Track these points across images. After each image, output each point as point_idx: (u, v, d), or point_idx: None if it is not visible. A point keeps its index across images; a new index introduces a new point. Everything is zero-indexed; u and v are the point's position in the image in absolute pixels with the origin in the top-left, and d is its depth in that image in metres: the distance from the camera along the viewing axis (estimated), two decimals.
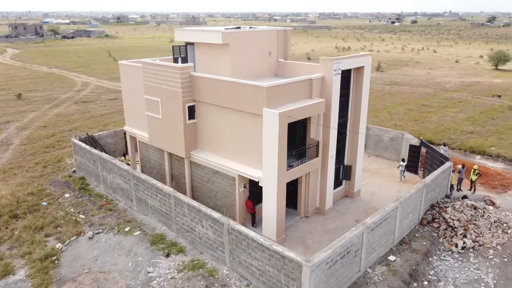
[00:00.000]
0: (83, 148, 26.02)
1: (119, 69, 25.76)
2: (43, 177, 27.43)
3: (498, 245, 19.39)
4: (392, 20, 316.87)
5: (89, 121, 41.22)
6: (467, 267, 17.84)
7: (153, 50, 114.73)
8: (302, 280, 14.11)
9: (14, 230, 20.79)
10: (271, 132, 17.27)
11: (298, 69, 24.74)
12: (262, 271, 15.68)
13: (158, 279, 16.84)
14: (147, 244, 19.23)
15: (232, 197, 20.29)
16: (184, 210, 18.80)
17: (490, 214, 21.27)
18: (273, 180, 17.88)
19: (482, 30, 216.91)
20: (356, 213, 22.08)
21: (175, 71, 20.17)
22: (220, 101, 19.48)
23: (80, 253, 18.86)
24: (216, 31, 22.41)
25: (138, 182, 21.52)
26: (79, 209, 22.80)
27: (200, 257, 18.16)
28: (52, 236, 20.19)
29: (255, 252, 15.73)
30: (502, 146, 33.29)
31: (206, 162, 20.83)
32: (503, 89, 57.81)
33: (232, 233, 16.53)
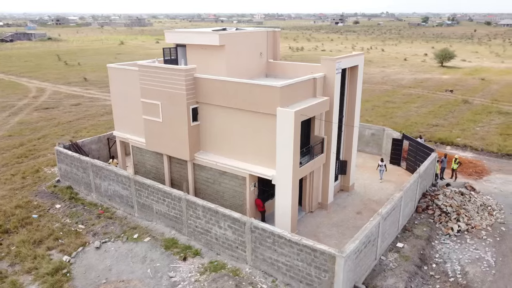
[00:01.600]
0: (70, 156, 24.93)
1: (108, 73, 24.96)
2: (25, 188, 25.91)
3: (488, 226, 21.19)
4: (336, 20, 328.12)
5: (57, 128, 39.26)
6: (467, 248, 19.36)
7: (104, 53, 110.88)
8: (336, 271, 14.70)
9: (10, 246, 19.58)
10: (286, 130, 17.71)
11: (288, 69, 25.43)
12: (290, 266, 16.09)
13: (182, 283, 16.70)
14: (161, 249, 18.93)
15: (241, 197, 20.48)
16: (198, 213, 18.73)
17: (476, 199, 23.14)
18: (288, 178, 18.33)
19: (420, 30, 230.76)
20: (356, 205, 23.08)
21: (180, 73, 20.01)
22: (228, 102, 19.60)
23: (91, 264, 18.20)
24: (212, 32, 22.49)
25: (141, 188, 21.06)
26: (76, 220, 21.89)
27: (218, 258, 18.21)
28: (55, 249, 19.28)
29: (282, 248, 16.09)
30: (466, 136, 36.08)
31: (213, 163, 20.85)
32: (452, 85, 62.24)
33: (256, 231, 16.78)
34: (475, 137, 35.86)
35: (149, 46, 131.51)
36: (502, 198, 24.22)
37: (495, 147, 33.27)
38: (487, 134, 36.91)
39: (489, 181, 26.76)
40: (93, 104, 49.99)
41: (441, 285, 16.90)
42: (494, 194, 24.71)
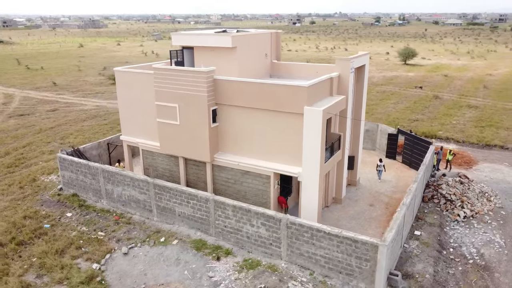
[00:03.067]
0: (76, 163, 24.28)
1: (115, 77, 24.52)
2: (27, 198, 24.93)
3: (489, 211, 22.92)
4: (293, 21, 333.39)
5: (41, 135, 37.73)
6: (476, 232, 20.90)
7: (66, 56, 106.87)
8: (378, 259, 15.54)
9: (30, 257, 18.93)
10: (314, 128, 18.37)
11: (292, 69, 26.20)
12: (329, 258, 16.76)
13: (224, 282, 16.94)
14: (192, 251, 19.01)
15: (265, 195, 20.93)
16: (228, 212, 18.99)
17: (474, 187, 24.91)
18: (315, 174, 19.01)
19: (375, 29, 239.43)
20: (367, 198, 24.15)
21: (200, 75, 20.14)
22: (250, 103, 19.97)
23: (124, 269, 18.00)
24: (224, 34, 22.77)
25: (162, 191, 20.98)
26: (94, 227, 21.43)
27: (251, 256, 18.57)
28: (80, 258, 18.87)
29: (321, 241, 16.74)
30: (446, 130, 38.41)
31: (235, 164, 21.14)
32: (419, 81, 65.58)
33: (292, 227, 17.32)
34: (454, 130, 38.25)
35: (111, 49, 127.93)
36: (494, 185, 26.18)
37: (474, 138, 35.69)
38: (464, 127, 39.46)
39: (478, 170, 28.79)
40: (71, 109, 48.34)
41: (463, 267, 18.22)
42: (486, 181, 26.65)
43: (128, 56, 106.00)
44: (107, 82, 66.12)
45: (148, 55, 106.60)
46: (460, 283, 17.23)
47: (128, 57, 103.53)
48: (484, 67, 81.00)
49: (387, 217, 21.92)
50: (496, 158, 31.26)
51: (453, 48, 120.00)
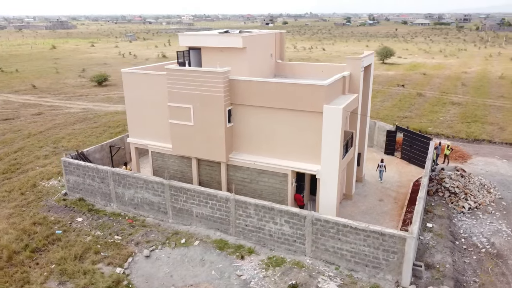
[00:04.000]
0: (83, 166, 23.81)
1: (122, 78, 24.16)
2: (31, 204, 24.24)
3: (491, 202, 24.02)
4: (266, 21, 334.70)
5: (32, 140, 36.60)
6: (483, 222, 21.88)
7: (40, 58, 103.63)
8: (406, 251, 16.10)
9: (48, 264, 18.48)
10: (333, 126, 18.78)
11: (296, 69, 26.62)
12: (355, 252, 17.21)
13: (253, 280, 17.09)
14: (216, 251, 19.05)
15: (282, 193, 21.19)
16: (249, 211, 19.14)
17: (474, 179, 26.02)
18: (335, 171, 19.43)
19: (348, 29, 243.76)
20: (375, 194, 24.81)
21: (217, 75, 20.19)
22: (267, 103, 20.19)
23: (149, 272, 17.86)
24: (234, 35, 22.90)
25: (178, 192, 20.89)
26: (108, 231, 21.10)
27: (274, 254, 18.79)
28: (101, 263, 18.57)
29: (347, 236, 17.16)
30: (435, 126, 39.79)
31: (251, 163, 21.30)
32: (400, 80, 67.43)
33: (317, 224, 17.67)
34: (443, 126, 39.68)
35: (86, 50, 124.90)
36: (490, 177, 27.42)
37: (463, 133, 37.17)
38: (451, 122, 40.99)
39: (473, 163, 30.05)
40: (57, 112, 47.06)
41: (477, 256, 19.07)
42: (482, 174, 27.86)
43: (105, 57, 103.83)
44: (89, 84, 64.66)
45: (126, 57, 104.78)
46: (477, 271, 18.05)
47: (106, 58, 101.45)
48: (458, 65, 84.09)
49: (397, 211, 22.62)
50: (487, 152, 32.69)
51: (425, 47, 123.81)
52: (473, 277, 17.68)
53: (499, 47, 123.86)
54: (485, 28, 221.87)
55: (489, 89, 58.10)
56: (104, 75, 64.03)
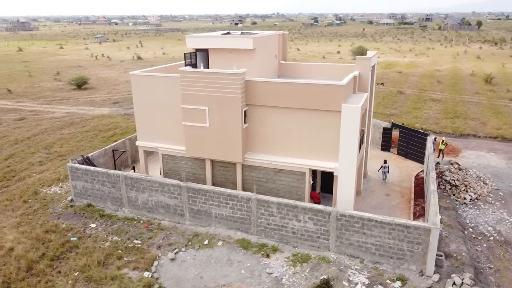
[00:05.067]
0: (92, 172, 23.38)
1: (131, 81, 23.87)
2: (38, 212, 23.60)
3: (489, 193, 25.41)
4: (235, 21, 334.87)
5: (20, 146, 35.39)
6: (486, 212, 23.15)
7: (7, 60, 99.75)
8: (430, 242, 16.90)
9: (71, 272, 18.13)
10: (351, 124, 19.39)
11: (299, 69, 27.21)
12: (380, 245, 17.88)
13: (284, 277, 17.44)
14: (241, 250, 19.26)
15: (299, 191, 21.63)
16: (272, 210, 19.48)
17: (470, 172, 27.41)
18: (352, 168, 20.06)
19: (316, 29, 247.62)
20: (381, 189, 25.67)
21: (235, 77, 20.38)
22: (284, 103, 20.55)
23: (177, 275, 17.87)
24: (244, 36, 23.16)
25: (196, 194, 20.94)
26: (126, 236, 20.87)
27: (298, 251, 19.20)
28: (126, 268, 18.41)
29: (372, 230, 17.81)
30: (421, 122, 41.41)
31: (267, 162, 21.62)
32: (378, 78, 69.37)
33: (342, 219, 18.23)
34: (429, 122, 41.37)
35: (55, 52, 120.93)
36: (483, 169, 28.95)
37: (449, 129, 38.91)
38: (436, 119, 42.78)
39: (464, 157, 31.59)
40: (41, 117, 45.60)
41: (487, 244, 20.21)
42: (475, 167, 29.36)
43: (77, 60, 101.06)
44: (67, 87, 62.89)
45: (100, 59, 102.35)
46: (490, 257, 19.14)
47: (78, 61, 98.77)
48: (430, 64, 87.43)
49: (406, 205, 23.56)
50: (474, 146, 34.41)
51: (395, 47, 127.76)
52: (487, 263, 18.74)
53: (463, 46, 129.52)
54: (447, 28, 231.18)
55: (464, 86, 60.87)
56: (83, 78, 62.47)
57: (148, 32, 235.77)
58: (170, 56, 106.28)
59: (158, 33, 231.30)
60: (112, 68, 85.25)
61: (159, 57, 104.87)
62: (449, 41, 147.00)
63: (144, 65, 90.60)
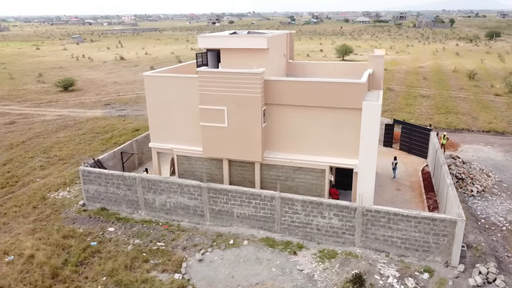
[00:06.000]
0: (106, 175, 23.04)
1: (144, 82, 23.58)
2: (50, 218, 23.07)
3: (493, 185, 26.37)
4: (212, 21, 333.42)
5: (17, 151, 34.39)
6: (494, 204, 24.03)
7: None
8: (456, 233, 17.47)
9: (99, 276, 17.87)
10: (372, 121, 19.79)
11: (307, 68, 27.54)
12: (405, 238, 18.35)
13: (315, 273, 17.68)
14: (268, 248, 19.39)
15: (319, 188, 21.92)
16: (296, 208, 19.69)
17: (473, 165, 28.35)
18: (372, 164, 20.48)
19: (295, 27, 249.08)
20: (391, 184, 26.25)
21: (255, 76, 20.47)
22: (304, 101, 20.78)
23: (208, 275, 17.86)
24: (258, 36, 23.28)
25: (218, 194, 20.94)
26: (147, 238, 20.68)
27: (323, 247, 19.48)
28: (155, 270, 18.27)
29: (398, 224, 18.26)
30: (416, 118, 42.44)
31: (287, 161, 21.81)
32: None
33: (368, 214, 18.61)
34: (423, 118, 42.44)
35: (32, 53, 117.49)
36: (483, 162, 29.98)
37: (443, 124, 40.05)
38: (428, 114, 43.93)
39: (464, 151, 32.62)
40: (31, 120, 44.39)
41: (501, 234, 21.02)
42: (475, 160, 30.36)
43: (58, 61, 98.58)
44: (53, 89, 61.35)
45: (81, 60, 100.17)
46: (506, 247, 19.92)
47: (59, 62, 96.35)
48: (412, 61, 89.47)
49: (418, 199, 24.19)
50: (470, 140, 35.56)
51: (376, 44, 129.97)
52: (504, 253, 19.50)
53: (440, 43, 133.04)
54: (421, 25, 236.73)
55: (448, 82, 62.64)
56: (70, 80, 61.05)
57: (125, 32, 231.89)
58: (153, 56, 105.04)
59: (135, 33, 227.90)
60: (95, 69, 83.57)
61: (142, 57, 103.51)
62: (426, 39, 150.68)
63: (127, 65, 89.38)
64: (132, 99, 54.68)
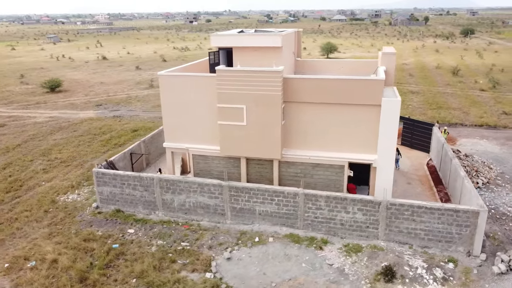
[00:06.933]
0: (121, 176, 22.74)
1: (159, 82, 23.31)
2: (65, 221, 22.61)
3: (496, 177, 27.38)
4: (190, 19, 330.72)
5: (15, 154, 33.41)
6: (500, 194, 24.97)
7: None
8: (478, 224, 18.13)
9: (128, 279, 17.68)
10: (391, 117, 20.26)
11: (314, 66, 27.89)
12: (428, 230, 18.90)
13: (345, 267, 18.00)
14: (294, 245, 19.60)
15: (338, 184, 22.27)
16: (320, 204, 19.97)
17: (475, 158, 29.34)
18: (391, 159, 20.96)
19: (272, 26, 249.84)
20: (400, 178, 26.86)
21: (275, 74, 20.60)
22: (322, 99, 21.05)
23: (239, 273, 17.93)
24: (272, 34, 23.43)
25: (239, 192, 21.00)
26: (170, 239, 20.55)
27: (347, 241, 19.84)
28: (184, 270, 18.22)
29: (421, 217, 18.79)
30: (410, 113, 43.45)
31: (305, 158, 22.06)
32: None
33: (392, 208, 19.07)
34: (417, 113, 43.51)
35: (8, 54, 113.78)
36: (483, 155, 31.05)
37: (437, 119, 41.16)
38: (421, 109, 45.06)
39: (462, 145, 33.68)
40: (22, 123, 43.15)
41: None
42: (474, 154, 31.41)
43: (37, 61, 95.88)
44: (39, 91, 59.72)
45: (61, 60, 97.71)
46: None
47: (38, 62, 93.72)
48: None
49: (429, 192, 24.88)
50: (466, 134, 36.74)
51: (357, 42, 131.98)
52: None
53: (419, 40, 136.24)
54: (397, 23, 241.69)
55: (434, 78, 64.34)
56: (57, 81, 59.55)
57: (102, 32, 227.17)
58: (135, 56, 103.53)
59: (112, 32, 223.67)
60: (79, 70, 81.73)
61: (125, 57, 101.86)
62: (404, 36, 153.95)
63: (111, 65, 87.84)
64: (124, 99, 53.84)
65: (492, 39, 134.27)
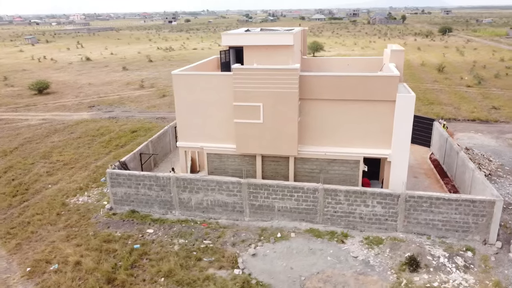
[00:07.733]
0: (136, 176, 22.62)
1: (173, 81, 23.25)
2: (80, 223, 22.35)
3: (497, 168, 28.43)
4: (169, 19, 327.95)
5: (13, 157, 32.66)
6: (504, 185, 25.96)
7: None
8: (494, 213, 18.88)
9: (157, 278, 17.67)
10: (406, 112, 20.83)
11: (320, 63, 28.35)
12: (446, 221, 19.56)
13: (369, 259, 18.45)
14: (316, 239, 19.93)
15: (353, 179, 22.73)
16: (339, 198, 20.38)
17: (476, 152, 30.36)
18: (406, 153, 21.56)
19: (253, 25, 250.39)
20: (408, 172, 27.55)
21: (292, 72, 20.88)
22: (338, 95, 21.46)
23: (266, 269, 18.14)
24: (284, 33, 23.74)
25: (258, 189, 21.21)
26: (192, 237, 20.59)
27: (367, 234, 20.32)
28: (211, 268, 18.32)
29: (439, 208, 19.42)
30: None
31: (321, 153, 22.44)
32: None
33: (410, 200, 19.64)
34: None
35: None
36: (480, 148, 32.15)
37: (431, 114, 42.25)
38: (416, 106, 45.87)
39: (459, 139, 34.75)
40: (15, 126, 42.14)
41: None
42: (472, 147, 32.50)
43: (18, 63, 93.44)
44: (27, 93, 58.33)
45: (43, 61, 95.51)
46: None
47: (19, 64, 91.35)
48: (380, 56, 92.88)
49: (437, 185, 25.66)
50: (461, 128, 37.92)
51: (340, 41, 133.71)
52: None
53: (399, 38, 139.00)
54: (375, 22, 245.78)
55: (420, 76, 65.93)
56: (45, 83, 58.29)
57: (80, 32, 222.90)
58: (120, 56, 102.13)
59: (91, 32, 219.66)
60: (63, 71, 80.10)
61: (108, 58, 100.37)
62: (384, 35, 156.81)
63: (96, 66, 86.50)
64: (116, 100, 53.17)
65: (470, 37, 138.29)
